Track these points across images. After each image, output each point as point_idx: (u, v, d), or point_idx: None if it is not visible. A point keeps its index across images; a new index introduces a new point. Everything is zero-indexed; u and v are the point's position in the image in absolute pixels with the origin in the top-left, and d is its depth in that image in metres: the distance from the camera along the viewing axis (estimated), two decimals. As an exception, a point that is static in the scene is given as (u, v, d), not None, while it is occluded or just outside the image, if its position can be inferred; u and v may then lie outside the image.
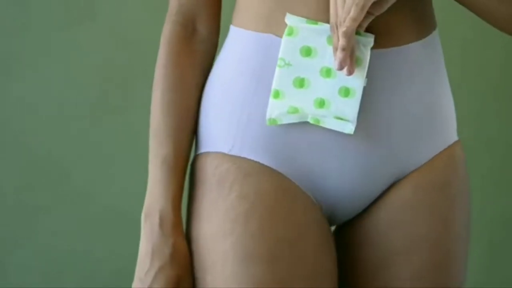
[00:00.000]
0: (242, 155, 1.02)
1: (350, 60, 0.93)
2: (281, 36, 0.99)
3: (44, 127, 2.08)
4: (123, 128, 2.12)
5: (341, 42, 0.92)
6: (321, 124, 0.97)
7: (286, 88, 0.97)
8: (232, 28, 1.06)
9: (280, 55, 0.97)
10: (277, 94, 0.97)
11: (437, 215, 1.05)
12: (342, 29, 0.92)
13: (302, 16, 0.98)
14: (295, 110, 0.97)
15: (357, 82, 0.96)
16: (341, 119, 0.96)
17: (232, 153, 1.02)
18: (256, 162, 1.01)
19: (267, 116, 0.98)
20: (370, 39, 0.96)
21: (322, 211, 1.04)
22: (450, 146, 1.08)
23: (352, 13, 0.91)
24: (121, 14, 2.10)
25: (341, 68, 0.93)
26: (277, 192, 1.00)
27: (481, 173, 2.26)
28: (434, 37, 1.07)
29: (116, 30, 2.10)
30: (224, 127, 1.03)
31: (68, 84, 2.08)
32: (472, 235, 2.23)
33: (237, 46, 1.04)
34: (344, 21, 0.92)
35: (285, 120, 0.97)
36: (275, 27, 1.01)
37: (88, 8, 2.07)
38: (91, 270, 2.15)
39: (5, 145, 2.07)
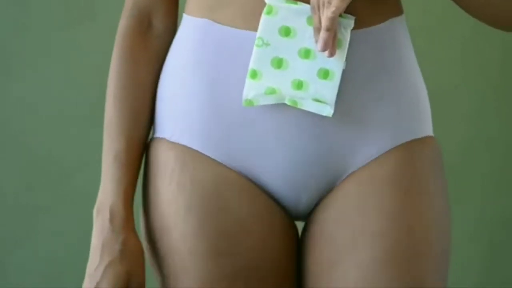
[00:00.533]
0: (181, 142, 1.01)
1: (332, 42, 0.91)
2: (217, 21, 0.99)
3: (44, 127, 2.08)
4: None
5: (326, 22, 0.89)
6: (299, 106, 0.94)
7: (263, 68, 0.94)
8: (183, 15, 1.05)
9: (258, 34, 0.94)
10: (254, 74, 0.94)
11: (384, 209, 0.97)
12: (331, 9, 0.89)
13: (256, 2, 0.96)
14: (272, 91, 0.94)
15: (336, 64, 0.93)
16: (320, 101, 0.94)
17: (173, 139, 1.01)
18: (194, 150, 1.00)
19: (243, 97, 0.95)
20: (351, 21, 0.94)
21: (271, 202, 1.01)
22: (414, 141, 1.01)
23: None
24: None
25: (324, 49, 0.91)
26: (215, 183, 0.99)
27: (481, 172, 2.26)
28: (395, 23, 1.02)
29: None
30: (168, 113, 1.02)
31: (68, 84, 2.08)
32: (472, 235, 2.24)
33: (181, 32, 1.04)
34: (329, 2, 0.90)
35: (262, 101, 0.94)
36: (213, 12, 0.99)
37: (88, 8, 2.07)
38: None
39: (5, 145, 2.06)
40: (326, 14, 0.90)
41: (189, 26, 1.03)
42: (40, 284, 2.10)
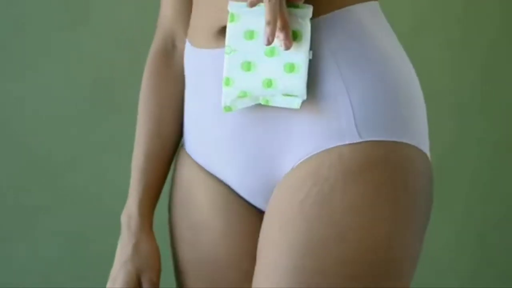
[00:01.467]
0: (184, 146, 1.12)
1: (285, 34, 0.90)
2: (189, 41, 1.07)
3: (43, 127, 2.08)
4: (122, 128, 2.11)
5: (266, 16, 0.89)
6: (271, 104, 0.95)
7: (235, 74, 0.96)
8: None
9: (226, 43, 0.96)
10: (228, 81, 0.96)
11: (278, 220, 0.95)
12: (266, 2, 0.89)
13: (210, 25, 1.00)
14: (244, 94, 0.96)
15: (300, 56, 0.93)
16: (289, 95, 0.94)
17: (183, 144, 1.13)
18: (186, 152, 1.10)
19: (222, 105, 0.97)
20: (307, 10, 0.93)
21: (236, 201, 1.06)
22: (335, 148, 0.94)
23: None
24: (120, 13, 2.10)
25: (268, 43, 0.90)
26: (189, 180, 1.09)
27: (468, 175, 2.27)
28: (355, 10, 0.98)
29: (115, 30, 2.10)
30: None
31: (68, 84, 2.08)
32: (459, 236, 2.24)
33: None
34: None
35: (239, 106, 0.97)
36: (189, 32, 1.07)
37: (87, 8, 2.07)
38: (89, 270, 2.15)
39: (5, 145, 2.07)
40: (266, 8, 0.89)
41: None
42: (40, 284, 2.11)
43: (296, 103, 0.94)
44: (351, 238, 0.90)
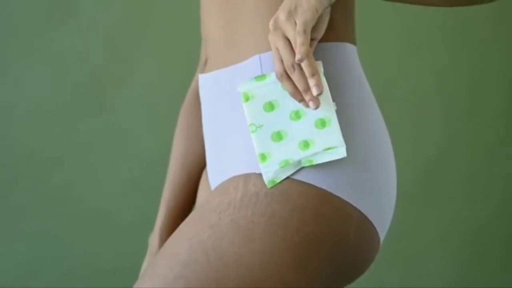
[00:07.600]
0: None
1: (316, 79, 0.91)
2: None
3: (28, 126, 2.09)
4: (109, 128, 2.12)
5: (307, 70, 0.91)
6: (315, 163, 0.95)
7: (268, 148, 0.97)
8: None
9: (248, 122, 0.98)
10: (263, 158, 0.97)
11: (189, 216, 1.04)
12: (299, 59, 0.90)
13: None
14: (286, 163, 0.96)
15: (326, 109, 0.96)
16: (331, 148, 0.95)
17: None
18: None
19: (266, 181, 0.97)
20: (318, 65, 0.96)
21: None
22: (233, 178, 1.01)
23: (299, 40, 0.90)
24: (104, 15, 2.10)
25: (319, 91, 0.91)
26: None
27: (456, 176, 2.29)
28: (242, 67, 1.04)
29: (100, 30, 2.10)
30: None
31: (53, 83, 2.09)
32: (445, 238, 2.25)
33: None
34: (293, 65, 0.91)
35: (284, 175, 0.96)
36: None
37: (70, 9, 2.08)
38: (68, 270, 2.16)
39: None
40: (304, 65, 0.91)
41: None
42: (21, 285, 2.12)
43: (341, 152, 0.95)
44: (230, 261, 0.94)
